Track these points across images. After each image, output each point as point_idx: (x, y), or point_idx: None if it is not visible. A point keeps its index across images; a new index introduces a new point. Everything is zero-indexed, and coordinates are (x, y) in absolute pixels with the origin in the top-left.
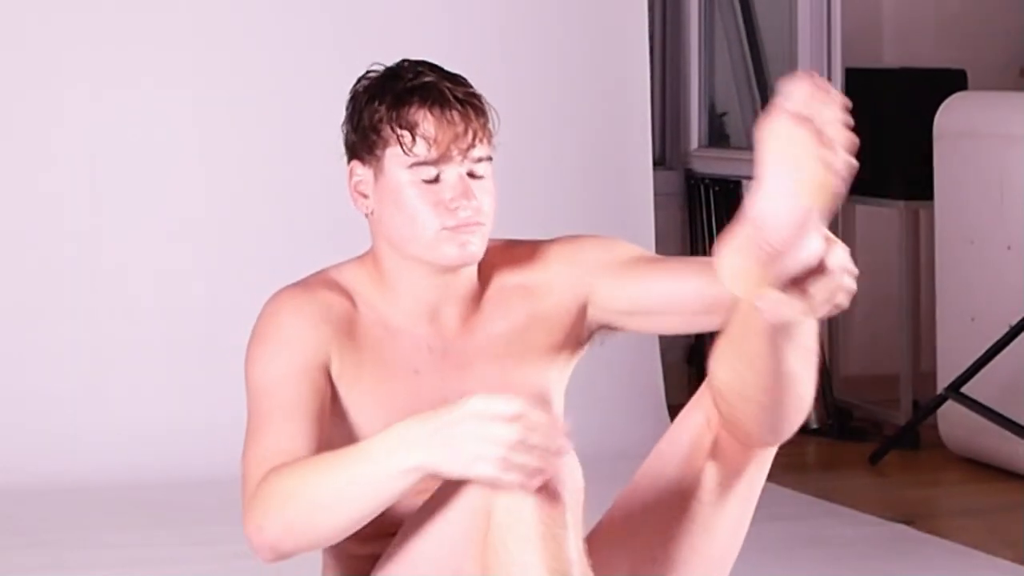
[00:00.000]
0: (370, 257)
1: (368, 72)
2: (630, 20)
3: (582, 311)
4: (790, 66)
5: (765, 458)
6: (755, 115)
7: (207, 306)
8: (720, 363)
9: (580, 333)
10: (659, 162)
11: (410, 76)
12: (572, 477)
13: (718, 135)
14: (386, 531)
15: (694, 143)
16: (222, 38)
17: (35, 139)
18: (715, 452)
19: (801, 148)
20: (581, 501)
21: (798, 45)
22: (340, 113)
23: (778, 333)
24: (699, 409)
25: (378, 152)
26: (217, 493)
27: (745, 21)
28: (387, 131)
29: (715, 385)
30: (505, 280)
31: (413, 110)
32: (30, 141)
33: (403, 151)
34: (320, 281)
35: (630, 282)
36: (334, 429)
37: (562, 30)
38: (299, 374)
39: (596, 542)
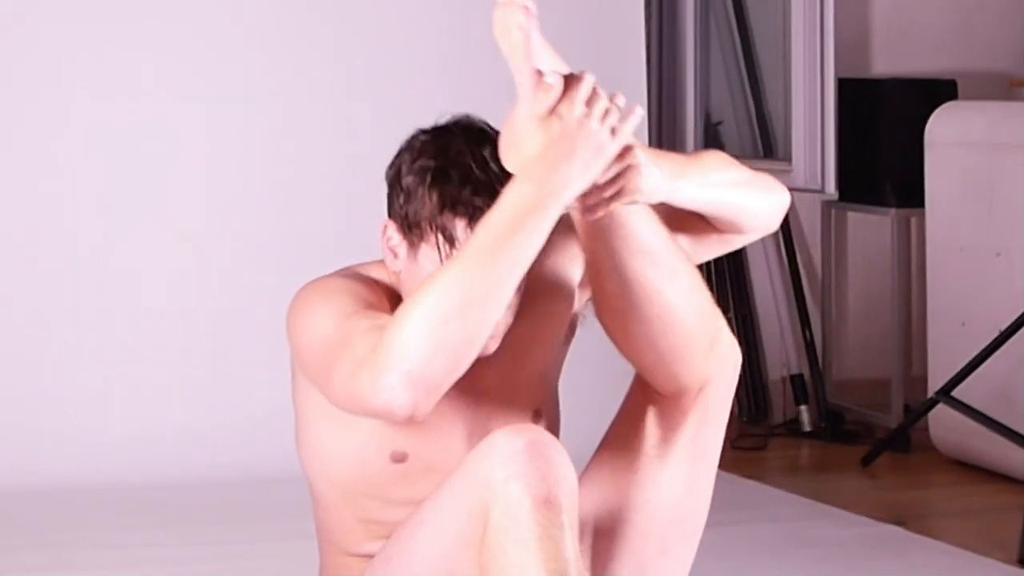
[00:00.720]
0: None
1: (425, 132)
2: (627, 32)
3: (577, 292)
4: (784, 77)
5: (706, 414)
6: (750, 124)
7: (211, 311)
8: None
9: (574, 316)
10: None
11: (459, 175)
12: (567, 479)
13: (713, 143)
14: (387, 533)
15: (690, 151)
16: (227, 46)
17: (42, 145)
18: (651, 406)
19: (505, 23)
20: (576, 502)
21: (791, 56)
22: (345, 123)
23: (605, 231)
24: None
25: (414, 239)
26: (219, 494)
27: (740, 33)
28: (427, 229)
29: (602, 322)
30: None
31: (456, 221)
32: (37, 147)
33: (439, 256)
34: (351, 273)
35: None
36: (346, 431)
37: (560, 42)
38: (364, 308)
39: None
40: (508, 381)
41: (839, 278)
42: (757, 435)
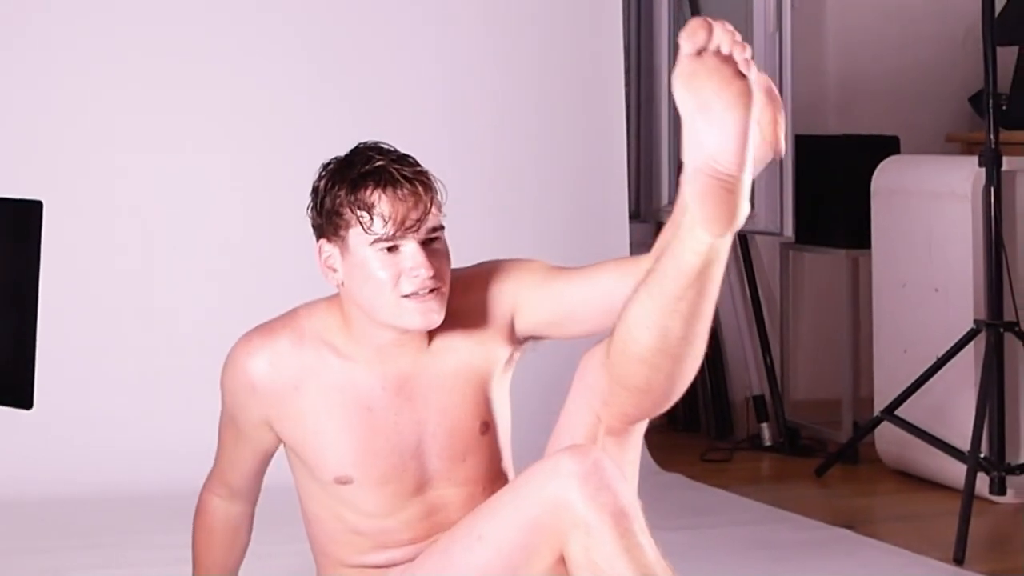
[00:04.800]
0: (340, 306)
1: (326, 164)
2: (608, 91)
3: (511, 329)
4: None
5: (638, 439)
6: None
7: None
8: (640, 325)
9: (512, 349)
10: (634, 215)
11: (362, 162)
12: (630, 490)
13: None
14: (375, 544)
15: (665, 199)
16: (255, 109)
17: (95, 196)
18: (608, 434)
19: (711, 74)
20: (640, 508)
21: None
22: None
23: (706, 268)
24: (586, 408)
25: (342, 233)
26: None
27: None
28: (348, 213)
29: (630, 354)
30: (448, 312)
31: (369, 192)
32: (91, 198)
33: (363, 230)
34: (285, 327)
35: (548, 293)
36: (293, 457)
37: (544, 96)
38: (237, 431)
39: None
40: (451, 398)
41: (796, 310)
42: (723, 449)
